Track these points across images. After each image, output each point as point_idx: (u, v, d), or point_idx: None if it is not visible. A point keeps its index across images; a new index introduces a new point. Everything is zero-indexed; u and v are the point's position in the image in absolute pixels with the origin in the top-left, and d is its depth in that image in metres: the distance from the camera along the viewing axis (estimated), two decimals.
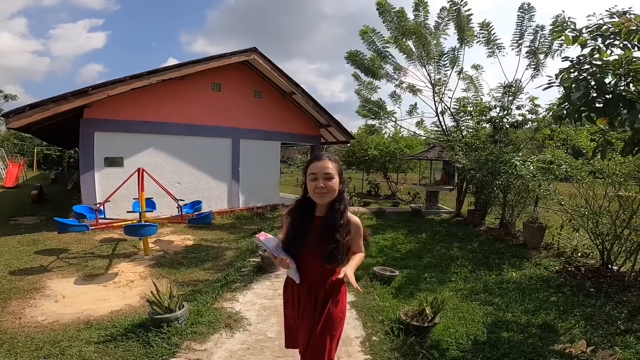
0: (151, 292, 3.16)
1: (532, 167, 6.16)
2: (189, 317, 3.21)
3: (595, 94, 2.80)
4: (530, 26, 7.64)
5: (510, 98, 8.01)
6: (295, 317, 1.80)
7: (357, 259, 1.74)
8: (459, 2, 7.82)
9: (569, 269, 5.11)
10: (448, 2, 7.92)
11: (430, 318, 3.01)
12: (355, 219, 1.77)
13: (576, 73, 2.90)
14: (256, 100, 10.05)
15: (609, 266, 4.94)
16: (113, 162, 7.50)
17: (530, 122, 7.85)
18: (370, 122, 10.43)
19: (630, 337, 3.13)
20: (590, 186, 5.29)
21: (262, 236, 1.71)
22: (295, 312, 1.79)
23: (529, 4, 7.56)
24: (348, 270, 1.59)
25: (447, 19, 8.28)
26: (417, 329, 2.95)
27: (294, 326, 1.84)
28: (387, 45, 8.98)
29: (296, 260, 1.70)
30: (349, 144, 14.20)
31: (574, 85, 2.84)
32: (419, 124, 9.89)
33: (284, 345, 1.95)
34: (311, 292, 1.72)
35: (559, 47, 7.43)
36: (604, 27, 2.83)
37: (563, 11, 3.02)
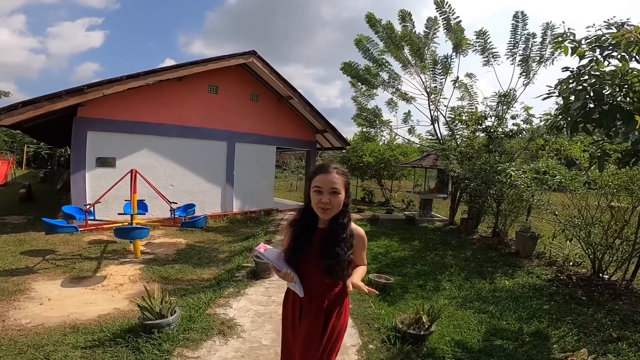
0: (142, 296, 3.08)
1: (525, 177, 6.22)
2: (181, 323, 3.13)
3: (592, 105, 2.84)
4: (524, 35, 7.79)
5: (505, 107, 8.12)
6: (293, 335, 1.72)
7: (360, 271, 1.69)
8: (447, 10, 7.97)
9: (561, 277, 5.15)
10: (436, 10, 8.07)
11: (426, 326, 2.99)
12: (360, 230, 1.71)
13: (574, 84, 2.94)
14: (253, 103, 10.02)
15: (600, 275, 4.99)
16: (105, 162, 7.37)
17: (524, 132, 7.96)
18: (365, 129, 10.47)
19: (623, 345, 3.16)
20: (584, 197, 5.35)
21: (262, 247, 1.62)
22: (295, 327, 1.71)
23: (522, 12, 7.71)
24: (355, 280, 1.56)
25: (434, 29, 8.42)
26: (413, 337, 2.92)
27: (291, 346, 1.74)
28: (383, 54, 9.08)
29: (298, 272, 1.62)
30: (344, 150, 14.21)
31: (572, 97, 2.87)
32: (411, 131, 9.95)
33: (279, 353, 1.89)
34: (313, 303, 1.65)
35: (550, 55, 7.57)
36: (602, 38, 2.88)
37: (563, 22, 3.05)
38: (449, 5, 7.94)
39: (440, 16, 8.15)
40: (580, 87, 2.87)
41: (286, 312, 1.79)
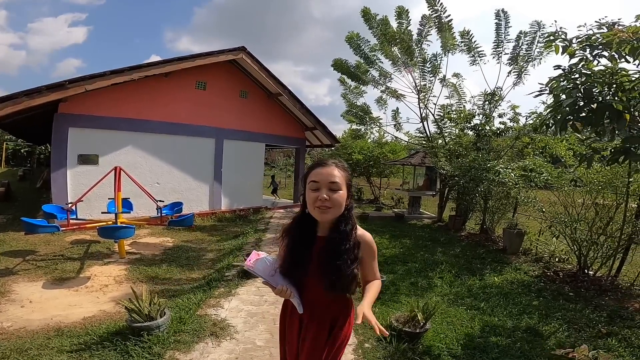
0: (129, 298, 2.97)
1: (513, 175, 6.32)
2: (171, 325, 3.03)
3: (582, 103, 2.88)
4: (508, 34, 7.89)
5: (492, 106, 8.23)
6: (294, 344, 1.56)
7: (372, 291, 1.45)
8: (439, 9, 8.01)
9: (548, 273, 5.25)
10: (428, 8, 8.10)
11: (422, 324, 2.98)
12: (367, 237, 1.49)
13: (565, 82, 2.97)
14: (241, 100, 9.87)
15: (586, 271, 5.10)
16: (87, 159, 7.12)
17: (511, 130, 8.09)
18: (355, 127, 10.46)
19: (612, 340, 3.22)
20: (569, 194, 5.46)
21: (254, 256, 1.42)
22: (293, 340, 1.56)
23: (504, 10, 7.82)
24: (365, 310, 1.31)
25: (428, 27, 8.45)
26: (409, 335, 2.91)
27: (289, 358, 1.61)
28: (374, 51, 9.07)
29: (297, 285, 1.46)
30: (333, 148, 14.19)
31: (563, 95, 2.90)
32: (397, 127, 9.94)
33: (274, 354, 1.80)
34: (314, 316, 1.49)
35: (539, 54, 7.69)
36: (593, 37, 2.92)
37: (555, 21, 3.09)
38: (441, 3, 7.97)
39: (432, 14, 8.17)
40: (571, 85, 2.91)
41: (284, 323, 1.63)
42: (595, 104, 2.81)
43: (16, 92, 5.75)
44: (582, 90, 2.83)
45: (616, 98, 2.86)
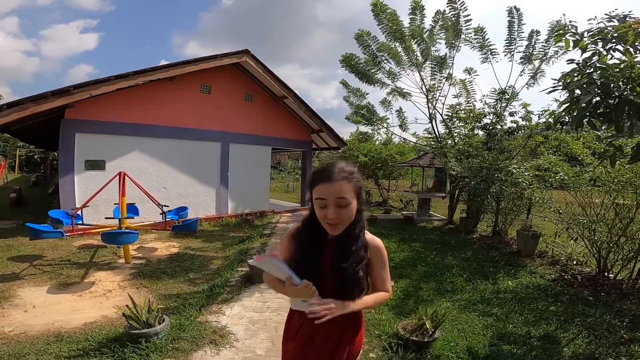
0: (126, 305, 2.91)
1: (527, 175, 6.10)
2: (170, 332, 2.95)
3: (598, 99, 2.71)
4: (522, 31, 7.65)
5: (503, 105, 7.99)
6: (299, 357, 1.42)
7: (372, 296, 1.36)
8: (458, 7, 7.78)
9: (566, 277, 5.02)
10: (447, 6, 7.87)
11: (430, 333, 2.82)
12: (376, 242, 1.39)
13: (580, 77, 2.81)
14: (247, 103, 9.85)
15: (606, 274, 4.86)
16: (94, 165, 7.17)
17: (524, 129, 7.83)
18: (362, 128, 10.30)
19: (635, 347, 3.02)
20: (587, 194, 5.23)
21: (270, 257, 1.24)
22: (298, 350, 1.41)
23: (516, 8, 7.59)
24: (353, 305, 1.26)
25: (441, 23, 8.21)
26: (416, 344, 2.76)
27: None
28: (382, 50, 8.89)
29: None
30: (340, 150, 14.05)
31: (577, 91, 2.74)
32: (403, 127, 9.70)
33: None
34: (322, 327, 1.30)
35: (554, 53, 7.45)
36: (605, 30, 2.76)
37: (564, 14, 2.94)
38: (462, 2, 7.72)
39: (450, 11, 7.91)
40: (587, 80, 2.75)
41: (288, 332, 1.49)
42: (614, 100, 2.64)
43: (23, 98, 5.82)
44: (599, 85, 2.67)
45: (634, 93, 2.69)
